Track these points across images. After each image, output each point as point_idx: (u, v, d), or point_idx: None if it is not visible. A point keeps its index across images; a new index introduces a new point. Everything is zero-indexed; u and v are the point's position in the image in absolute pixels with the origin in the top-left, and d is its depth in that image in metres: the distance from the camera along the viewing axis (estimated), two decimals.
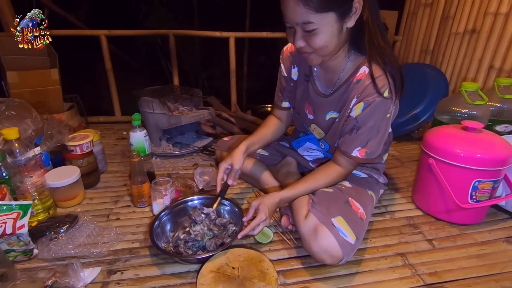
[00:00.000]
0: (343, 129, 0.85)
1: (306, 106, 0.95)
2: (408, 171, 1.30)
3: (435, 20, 1.70)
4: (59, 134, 1.04)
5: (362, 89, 0.77)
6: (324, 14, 0.67)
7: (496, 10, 1.37)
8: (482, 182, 0.89)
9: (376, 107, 0.76)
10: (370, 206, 0.88)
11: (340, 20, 0.70)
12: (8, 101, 1.08)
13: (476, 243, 0.89)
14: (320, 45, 0.72)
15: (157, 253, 0.83)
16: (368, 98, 0.76)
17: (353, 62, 0.82)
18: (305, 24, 0.69)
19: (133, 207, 1.04)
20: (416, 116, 1.49)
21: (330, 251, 0.73)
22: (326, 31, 0.69)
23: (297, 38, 0.73)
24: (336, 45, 0.74)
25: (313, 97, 0.92)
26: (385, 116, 0.78)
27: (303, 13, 0.66)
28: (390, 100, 0.76)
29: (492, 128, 1.22)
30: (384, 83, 0.75)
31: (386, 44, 0.76)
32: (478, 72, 1.48)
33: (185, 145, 1.45)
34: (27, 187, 0.90)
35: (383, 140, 0.84)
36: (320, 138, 0.98)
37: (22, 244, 0.77)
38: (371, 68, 0.76)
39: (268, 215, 0.81)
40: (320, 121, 0.93)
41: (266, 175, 1.08)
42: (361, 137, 0.81)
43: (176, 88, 1.60)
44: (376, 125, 0.79)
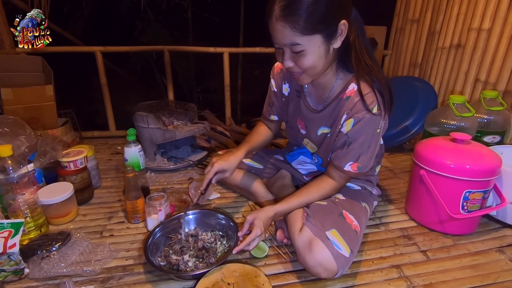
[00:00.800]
0: (335, 144, 0.86)
1: (299, 121, 0.98)
2: (401, 182, 1.32)
3: (422, 35, 1.76)
4: (53, 151, 1.04)
5: (352, 105, 0.80)
6: (311, 37, 0.69)
7: (479, 26, 1.43)
8: (472, 192, 0.90)
9: (366, 123, 0.78)
10: (364, 218, 0.89)
11: (326, 42, 0.72)
12: (2, 118, 1.07)
13: (470, 253, 0.90)
14: (308, 65, 0.74)
15: (151, 270, 0.82)
16: (357, 114, 0.78)
17: (341, 80, 0.84)
18: (293, 46, 0.71)
19: (127, 223, 1.03)
20: (407, 128, 1.53)
21: (325, 265, 0.73)
22: (314, 52, 0.72)
23: (286, 58, 0.75)
24: (324, 65, 0.76)
25: (304, 113, 0.94)
26: (375, 131, 0.80)
27: (290, 35, 0.69)
28: (379, 117, 0.78)
29: (480, 139, 1.25)
30: (373, 100, 0.77)
31: (373, 62, 0.79)
32: (464, 85, 1.53)
33: (180, 159, 1.45)
34: (19, 204, 0.89)
35: (374, 154, 0.85)
36: (313, 152, 1.00)
37: (12, 264, 0.75)
38: (359, 86, 0.78)
39: (263, 229, 0.81)
40: (312, 136, 0.95)
41: (259, 187, 1.09)
42: (352, 152, 0.82)
43: (171, 103, 1.62)
44: (367, 140, 0.81)
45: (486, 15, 1.39)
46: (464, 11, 1.49)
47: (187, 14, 3.27)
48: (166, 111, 1.45)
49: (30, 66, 1.49)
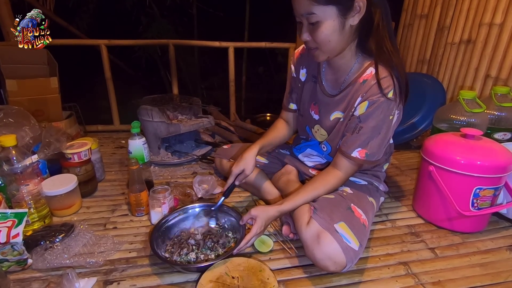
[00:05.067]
0: (346, 128, 0.86)
1: (312, 107, 0.97)
2: (408, 179, 1.29)
3: (431, 31, 1.73)
4: (57, 142, 1.03)
5: (368, 88, 0.79)
6: (326, 7, 0.70)
7: (490, 21, 1.39)
8: (483, 189, 0.88)
9: (380, 107, 0.77)
10: (371, 212, 0.88)
11: (341, 15, 0.72)
12: (7, 108, 1.07)
13: (479, 251, 0.88)
14: (322, 38, 0.74)
15: (155, 263, 0.81)
16: (372, 97, 0.78)
17: (360, 64, 0.83)
18: (309, 16, 0.72)
19: (131, 215, 1.03)
20: (415, 124, 1.50)
21: (334, 258, 0.71)
22: (328, 24, 0.72)
23: (303, 31, 0.76)
24: (338, 41, 0.76)
25: (320, 97, 0.93)
26: (388, 117, 0.79)
27: (307, 4, 0.71)
28: (394, 102, 0.77)
29: (490, 135, 1.22)
30: (389, 84, 0.76)
31: (394, 49, 0.78)
32: (474, 81, 1.50)
33: (184, 154, 1.44)
34: (23, 195, 0.89)
35: (384, 143, 0.83)
36: (322, 140, 0.98)
37: (16, 254, 0.75)
38: (377, 69, 0.78)
39: (263, 229, 0.82)
40: (324, 121, 0.94)
41: (267, 185, 1.07)
42: (362, 137, 0.81)
43: (175, 97, 1.61)
44: (378, 125, 0.79)
45: (498, 10, 1.35)
46: (475, 5, 1.46)
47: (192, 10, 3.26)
48: (171, 105, 1.44)
49: (35, 58, 1.49)
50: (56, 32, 2.38)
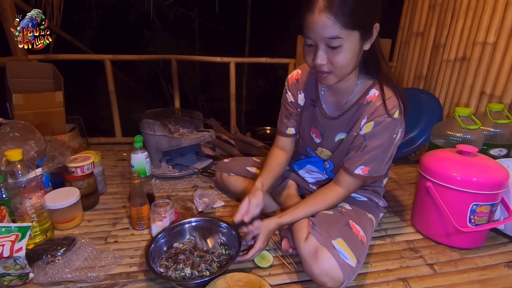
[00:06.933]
0: (351, 146, 0.87)
1: (313, 130, 0.97)
2: (407, 194, 1.31)
3: (427, 48, 1.77)
4: (61, 156, 1.05)
5: (373, 109, 0.81)
6: (351, 32, 0.68)
7: (484, 40, 1.44)
8: (479, 205, 0.90)
9: (385, 127, 0.79)
10: (370, 229, 0.89)
11: (361, 41, 0.72)
12: (13, 123, 1.09)
13: (478, 267, 0.88)
14: (343, 63, 0.72)
15: (155, 278, 0.82)
16: (379, 118, 0.79)
17: (362, 85, 0.85)
18: (332, 39, 0.69)
19: (132, 229, 1.03)
20: (413, 139, 1.52)
21: (331, 274, 0.72)
22: (350, 49, 0.71)
23: (320, 54, 0.72)
24: (354, 65, 0.76)
25: (320, 120, 0.93)
26: (392, 136, 0.81)
27: (332, 27, 0.67)
28: (399, 122, 0.80)
29: (486, 152, 1.25)
30: (395, 105, 0.79)
31: (389, 68, 0.81)
32: (470, 97, 1.53)
33: (185, 167, 1.45)
34: (26, 208, 0.90)
35: (386, 160, 0.85)
36: (326, 159, 0.99)
37: (18, 268, 0.75)
38: (382, 90, 0.80)
39: (266, 243, 0.83)
40: (329, 143, 0.94)
41: (266, 198, 1.08)
42: (366, 155, 0.83)
43: (177, 111, 1.63)
44: (383, 145, 0.81)
45: (491, 29, 1.40)
46: (469, 25, 1.51)
47: (194, 25, 3.34)
48: (172, 118, 1.47)
49: (41, 72, 1.52)
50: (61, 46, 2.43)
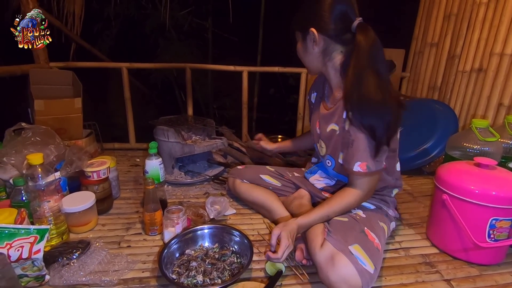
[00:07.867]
0: (342, 144, 0.90)
1: (317, 123, 1.04)
2: (421, 206, 1.28)
3: (442, 59, 1.76)
4: (78, 160, 1.08)
5: None
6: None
7: (501, 51, 1.42)
8: (499, 220, 0.87)
9: None
10: (383, 238, 0.88)
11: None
12: (35, 128, 1.13)
13: (498, 285, 0.85)
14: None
15: (167, 284, 0.82)
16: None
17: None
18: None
19: (144, 234, 1.04)
20: (427, 150, 1.50)
21: (349, 280, 0.71)
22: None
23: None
24: (309, 61, 0.96)
25: (321, 112, 1.02)
26: None
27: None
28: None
29: (505, 165, 1.21)
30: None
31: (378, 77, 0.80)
32: (487, 109, 1.50)
33: (196, 174, 1.47)
34: (44, 211, 0.92)
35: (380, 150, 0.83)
36: (325, 154, 1.02)
37: (35, 270, 0.77)
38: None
39: (291, 241, 0.82)
40: (323, 134, 1.00)
41: (279, 207, 1.08)
42: (356, 150, 0.84)
43: (190, 118, 1.66)
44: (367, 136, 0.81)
45: (508, 40, 1.38)
46: (486, 36, 1.49)
47: (207, 34, 3.41)
48: (186, 126, 1.49)
49: (62, 79, 1.58)
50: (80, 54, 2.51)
